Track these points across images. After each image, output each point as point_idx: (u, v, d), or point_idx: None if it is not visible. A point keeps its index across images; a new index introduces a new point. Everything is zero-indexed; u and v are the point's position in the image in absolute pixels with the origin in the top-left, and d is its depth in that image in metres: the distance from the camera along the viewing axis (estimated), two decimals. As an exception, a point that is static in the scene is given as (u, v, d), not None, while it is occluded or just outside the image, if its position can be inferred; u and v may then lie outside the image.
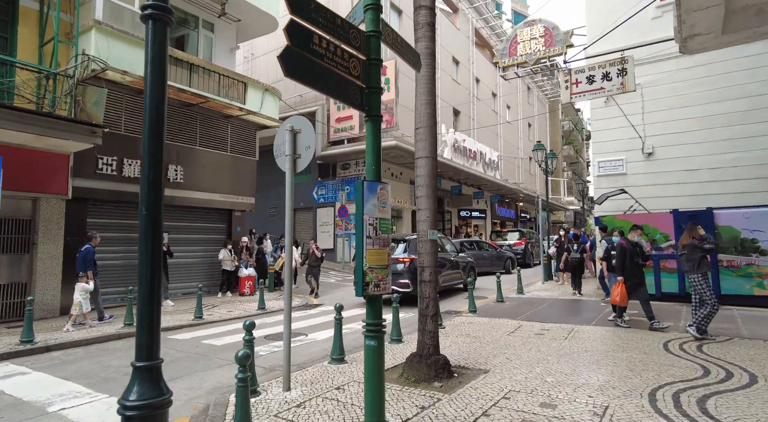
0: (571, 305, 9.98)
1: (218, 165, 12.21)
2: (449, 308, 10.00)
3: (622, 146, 11.99)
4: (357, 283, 2.99)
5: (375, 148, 3.12)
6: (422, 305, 5.03)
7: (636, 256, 7.55)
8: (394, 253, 10.66)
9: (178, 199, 11.20)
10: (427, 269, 5.02)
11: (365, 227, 2.96)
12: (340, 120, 19.58)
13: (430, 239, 5.03)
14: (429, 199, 5.06)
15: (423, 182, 5.08)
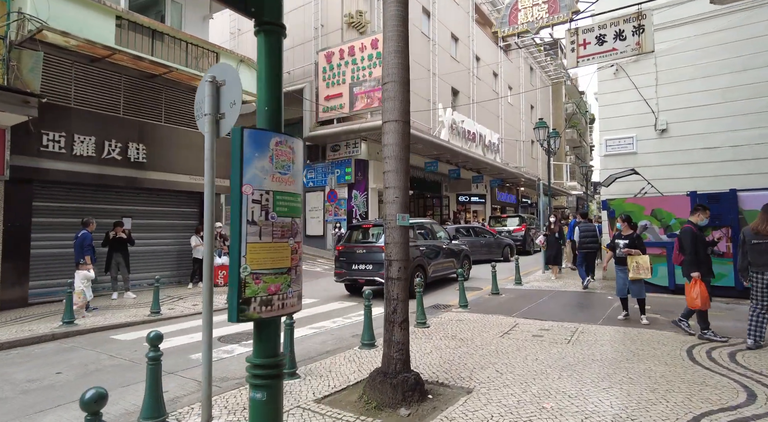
0: (574, 298, 8.96)
1: (187, 144, 11.10)
2: (437, 302, 9.01)
3: (633, 122, 10.84)
4: (229, 301, 1.95)
5: (270, 74, 2.07)
6: (389, 309, 4.01)
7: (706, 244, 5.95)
8: (378, 240, 9.63)
9: (140, 180, 10.14)
10: (395, 263, 3.98)
11: (245, 206, 1.92)
12: (329, 98, 18.39)
13: (400, 225, 3.98)
14: (399, 175, 4.00)
15: (391, 152, 4.01)
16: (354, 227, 10.20)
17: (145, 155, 10.19)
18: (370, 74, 17.33)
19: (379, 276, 9.14)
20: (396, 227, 3.97)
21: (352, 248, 9.66)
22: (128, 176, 9.92)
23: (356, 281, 9.53)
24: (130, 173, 9.92)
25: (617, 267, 6.82)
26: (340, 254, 9.80)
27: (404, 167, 4.01)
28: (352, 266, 9.52)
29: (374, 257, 9.33)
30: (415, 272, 9.53)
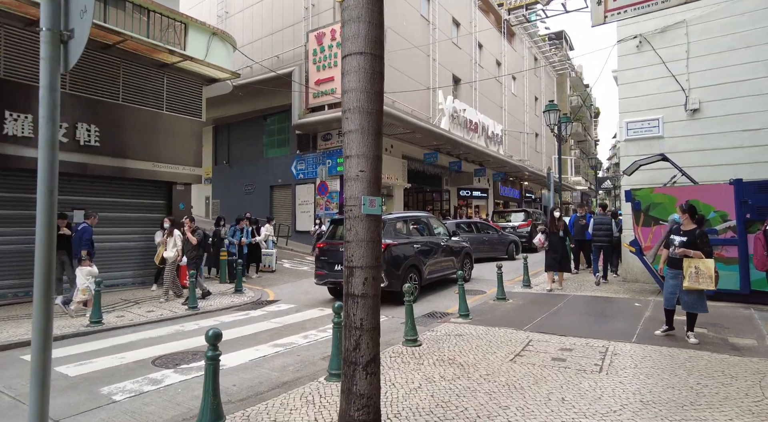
0: (594, 305, 7.62)
1: (150, 127, 9.76)
2: (434, 309, 7.67)
3: (659, 101, 9.46)
4: None
5: None
6: (348, 344, 2.66)
7: None
8: (364, 237, 8.29)
9: (93, 167, 8.81)
10: (359, 272, 2.63)
11: None
12: (320, 82, 17.00)
13: (367, 214, 2.63)
14: (366, 137, 2.65)
15: (354, 102, 2.66)
16: (337, 220, 8.87)
17: (98, 138, 8.85)
18: (363, 56, 15.91)
19: (366, 279, 7.80)
20: (361, 216, 2.62)
21: (334, 245, 8.33)
22: (78, 162, 8.59)
23: (339, 284, 8.20)
24: (80, 159, 8.59)
25: (668, 271, 5.45)
26: (320, 253, 8.46)
27: (374, 126, 2.66)
28: (335, 267, 8.19)
29: (360, 257, 7.99)
30: (408, 273, 8.20)
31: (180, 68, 10.00)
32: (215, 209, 22.10)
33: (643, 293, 8.50)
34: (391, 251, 7.93)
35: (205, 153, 23.69)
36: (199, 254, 8.64)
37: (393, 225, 8.34)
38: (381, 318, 6.79)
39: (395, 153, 19.42)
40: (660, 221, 8.03)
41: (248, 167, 20.77)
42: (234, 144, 21.85)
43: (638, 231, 8.27)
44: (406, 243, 8.41)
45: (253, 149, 20.68)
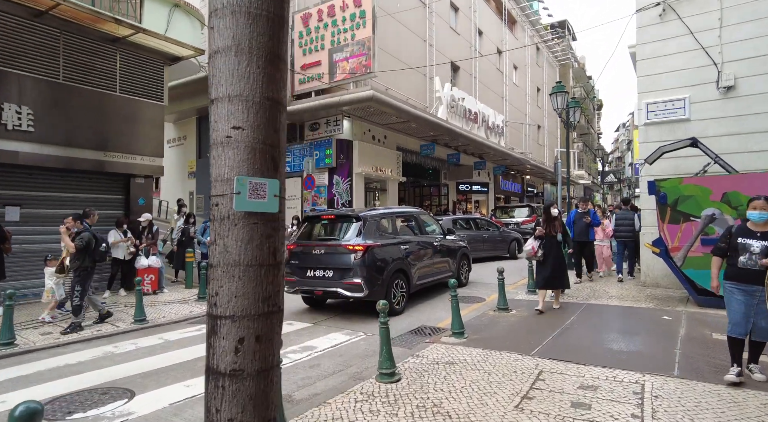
0: (614, 317, 6.39)
1: (100, 111, 8.51)
2: (423, 323, 6.44)
3: (685, 79, 8.19)
4: None
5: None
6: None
7: None
8: (342, 237, 7.05)
9: (24, 156, 7.56)
10: (227, 325, 1.42)
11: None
12: (307, 67, 15.71)
13: (246, 211, 1.39)
14: (245, 59, 1.41)
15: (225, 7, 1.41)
16: (311, 218, 7.62)
17: (32, 122, 7.59)
18: (352, 37, 14.65)
19: (343, 287, 6.59)
20: (233, 217, 1.39)
21: (307, 246, 7.08)
22: (5, 149, 7.34)
23: (312, 292, 6.97)
24: (7, 146, 7.34)
25: (735, 287, 4.09)
26: (291, 255, 7.23)
27: (263, 41, 1.42)
28: (307, 273, 6.95)
29: (336, 260, 6.76)
30: (393, 280, 6.96)
31: (135, 44, 8.73)
32: (199, 205, 20.86)
33: (669, 301, 7.26)
34: (373, 254, 6.69)
35: (188, 146, 22.49)
36: (84, 264, 6.32)
37: (376, 223, 7.09)
38: (357, 336, 5.57)
39: (389, 144, 18.15)
40: (691, 218, 6.79)
41: (233, 159, 19.50)
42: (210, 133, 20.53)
43: (664, 229, 7.02)
44: (391, 244, 7.18)
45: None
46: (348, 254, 6.61)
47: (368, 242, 6.68)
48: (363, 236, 6.74)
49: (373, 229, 6.95)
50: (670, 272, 7.67)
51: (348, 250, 6.62)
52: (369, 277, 6.55)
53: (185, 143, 22.31)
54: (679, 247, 6.87)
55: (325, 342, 5.58)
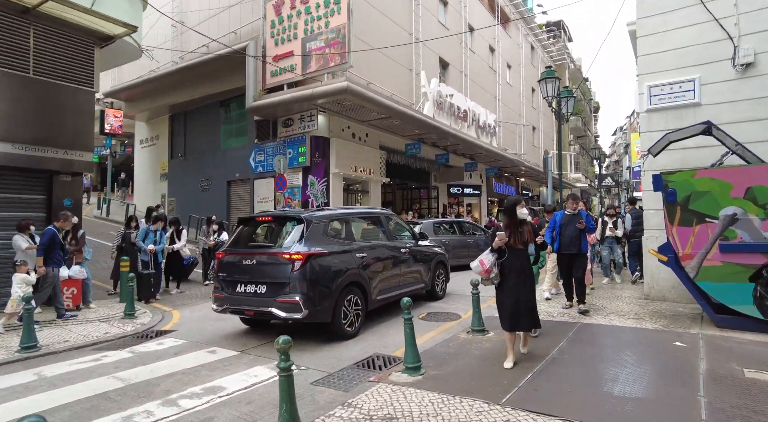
0: (613, 344, 5.13)
1: (7, 96, 7.24)
2: (377, 351, 5.16)
3: (695, 56, 7.00)
4: None
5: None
6: None
7: None
8: (279, 243, 5.79)
9: None
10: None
11: None
12: (279, 58, 14.49)
13: None
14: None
15: None
16: (246, 220, 6.34)
17: None
18: (326, 25, 13.46)
19: (278, 306, 5.31)
20: None
21: (238, 256, 5.81)
22: None
23: (243, 312, 5.69)
24: None
25: None
26: (220, 266, 5.96)
27: None
28: (237, 288, 5.68)
29: (270, 273, 5.49)
30: (345, 295, 5.70)
31: (54, 18, 7.49)
32: (171, 209, 19.58)
33: (679, 320, 6.01)
34: (318, 264, 5.42)
35: (161, 146, 21.23)
36: None
37: (323, 227, 5.82)
38: None
39: (371, 143, 16.92)
40: (706, 219, 5.55)
41: (205, 160, 18.26)
42: (191, 135, 19.34)
43: (673, 233, 5.79)
44: (342, 252, 5.90)
45: (211, 140, 18.17)
46: (284, 265, 5.34)
47: (311, 249, 5.42)
48: (305, 242, 5.47)
49: (318, 233, 5.68)
50: (678, 284, 6.44)
51: (284, 260, 5.36)
52: (310, 293, 5.28)
53: (158, 143, 21.08)
54: (692, 254, 5.64)
55: (239, 381, 4.31)
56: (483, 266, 4.35)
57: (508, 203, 4.62)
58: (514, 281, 4.38)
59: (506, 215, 4.58)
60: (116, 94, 19.84)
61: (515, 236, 4.42)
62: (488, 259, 4.35)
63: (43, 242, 6.73)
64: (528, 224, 4.53)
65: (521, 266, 4.41)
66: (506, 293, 4.42)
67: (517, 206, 4.48)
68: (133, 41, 8.63)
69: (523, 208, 4.49)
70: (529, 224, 4.57)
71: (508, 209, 4.54)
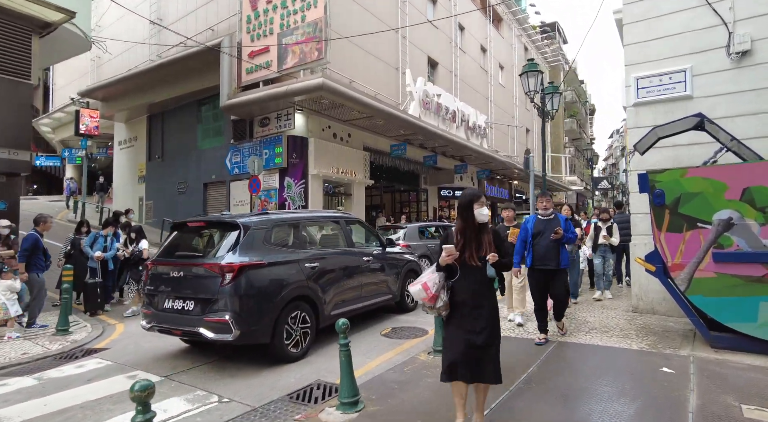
0: (589, 370, 4.45)
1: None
2: (320, 378, 4.46)
3: (685, 44, 6.36)
4: None
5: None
6: None
7: None
8: (210, 252, 5.10)
9: None
10: None
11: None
12: (254, 54, 13.85)
13: None
14: None
15: None
16: (178, 225, 5.63)
17: None
18: (302, 19, 12.82)
19: (206, 327, 4.61)
20: None
21: (166, 267, 5.11)
22: None
23: (170, 331, 4.98)
24: None
25: None
26: (149, 278, 5.26)
27: None
28: (164, 303, 4.98)
29: (198, 287, 4.79)
30: (288, 312, 5.00)
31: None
32: (149, 212, 18.87)
33: (669, 337, 5.34)
34: (251, 277, 4.72)
35: (139, 147, 20.48)
36: None
37: (263, 234, 5.11)
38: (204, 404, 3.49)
39: (354, 143, 16.27)
40: (698, 223, 4.89)
41: (181, 161, 17.57)
42: (168, 135, 18.64)
43: (661, 239, 5.12)
44: (287, 262, 5.19)
45: (188, 141, 17.47)
46: (213, 279, 4.64)
47: (245, 259, 4.72)
48: (240, 252, 4.78)
49: (257, 241, 4.99)
50: (669, 296, 5.76)
51: (213, 272, 4.66)
52: (243, 311, 4.58)
53: (136, 144, 20.37)
54: (683, 264, 4.97)
55: None
56: (427, 291, 3.07)
57: (462, 199, 3.19)
58: (468, 311, 3.07)
59: (459, 216, 3.26)
60: (92, 94, 19.13)
61: (470, 249, 3.09)
62: (433, 281, 3.10)
63: (25, 248, 6.64)
64: (489, 231, 3.19)
65: (478, 291, 3.10)
66: (455, 329, 3.10)
67: (474, 204, 3.10)
68: (79, 31, 7.95)
69: (482, 207, 3.12)
70: (491, 231, 3.23)
71: (462, 208, 3.16)
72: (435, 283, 3.10)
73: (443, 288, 3.13)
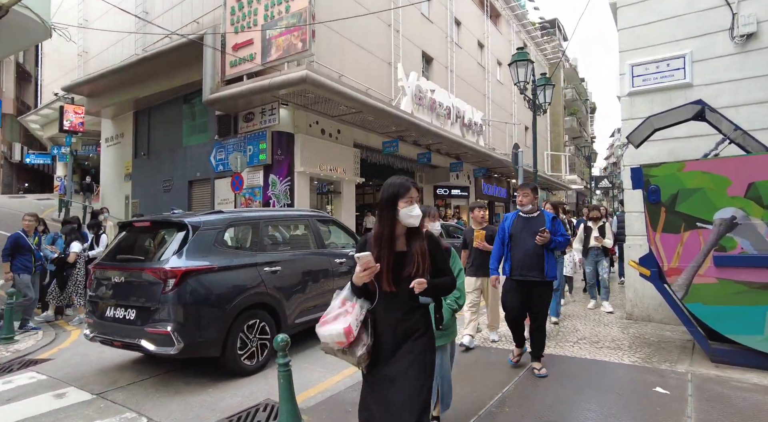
0: (576, 386, 3.95)
1: None
2: (269, 397, 3.95)
3: (685, 27, 5.84)
4: None
5: None
6: None
7: None
8: (154, 255, 4.60)
9: None
10: None
11: None
12: (238, 47, 13.33)
13: None
14: None
15: None
16: (124, 226, 5.13)
17: None
18: (286, 9, 12.30)
19: (147, 338, 4.11)
20: None
21: (108, 271, 4.61)
22: None
23: (111, 343, 4.48)
24: None
25: None
26: (92, 284, 4.77)
27: None
28: (106, 311, 4.48)
29: (139, 294, 4.29)
30: (243, 322, 4.50)
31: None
32: (135, 211, 18.39)
33: (666, 349, 4.83)
34: (197, 283, 4.22)
35: (125, 144, 20.00)
36: None
37: (214, 234, 4.60)
38: None
39: (344, 140, 15.75)
40: (697, 223, 4.38)
41: (167, 158, 17.08)
42: (154, 132, 18.16)
43: (656, 240, 4.60)
44: (242, 266, 4.68)
45: (173, 137, 16.98)
46: (155, 285, 4.14)
47: (191, 263, 4.22)
48: (186, 255, 4.27)
49: (207, 243, 4.48)
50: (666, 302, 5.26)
51: (154, 278, 4.16)
52: (188, 321, 4.08)
53: (122, 141, 19.88)
54: (680, 269, 4.46)
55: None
56: (349, 335, 2.07)
57: (383, 191, 2.23)
58: (383, 366, 2.13)
59: (378, 217, 2.25)
60: (77, 89, 18.63)
61: (387, 266, 2.14)
62: (355, 317, 2.11)
63: (6, 247, 6.47)
64: (422, 238, 2.22)
65: (402, 328, 2.15)
66: (375, 384, 2.17)
67: (400, 200, 2.15)
68: (35, 16, 7.44)
69: (411, 204, 2.15)
70: (426, 237, 2.24)
71: (383, 205, 2.20)
72: (357, 319, 2.10)
73: (366, 326, 2.13)
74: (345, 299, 2.17)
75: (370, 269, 2.07)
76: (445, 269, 2.28)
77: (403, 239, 2.21)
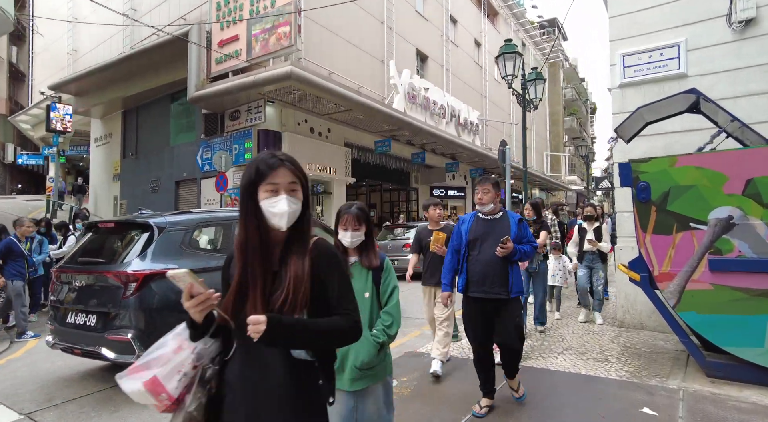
0: (556, 406, 3.55)
1: None
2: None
3: (679, 13, 5.45)
4: None
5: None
6: None
7: None
8: (116, 258, 4.22)
9: None
10: None
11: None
12: (224, 43, 13.00)
13: None
14: None
15: None
16: (89, 227, 4.78)
17: None
18: (272, 4, 11.96)
19: (108, 345, 3.74)
20: None
21: (70, 274, 4.25)
22: None
23: (71, 350, 4.11)
24: None
25: None
26: (54, 288, 4.41)
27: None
28: (67, 317, 4.12)
29: (100, 298, 3.93)
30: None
31: None
32: (123, 212, 18.05)
33: (657, 361, 4.42)
34: (160, 288, 3.84)
35: (114, 144, 19.66)
36: None
37: (180, 236, 4.20)
38: None
39: (334, 139, 15.40)
40: (691, 223, 3.97)
41: (155, 158, 16.73)
42: (142, 132, 17.81)
43: (646, 243, 4.20)
44: (211, 269, 4.26)
45: (161, 137, 16.64)
46: (115, 289, 3.79)
47: (154, 266, 3.84)
48: (151, 257, 3.91)
49: (173, 245, 4.11)
50: (659, 310, 4.86)
51: (115, 282, 3.79)
52: (149, 328, 3.72)
53: (111, 141, 19.54)
54: (672, 274, 4.06)
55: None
56: (156, 392, 1.25)
57: (243, 178, 1.43)
58: None
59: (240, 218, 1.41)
60: (64, 88, 18.30)
61: (253, 293, 1.32)
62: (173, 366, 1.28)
63: None
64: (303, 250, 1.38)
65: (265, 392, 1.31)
66: None
67: (260, 187, 1.35)
68: None
69: (278, 195, 1.33)
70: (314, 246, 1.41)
71: (241, 195, 1.39)
72: (181, 371, 1.29)
73: (199, 379, 1.31)
74: (172, 342, 1.32)
75: (207, 300, 1.26)
76: (341, 303, 1.37)
77: (270, 250, 1.38)
